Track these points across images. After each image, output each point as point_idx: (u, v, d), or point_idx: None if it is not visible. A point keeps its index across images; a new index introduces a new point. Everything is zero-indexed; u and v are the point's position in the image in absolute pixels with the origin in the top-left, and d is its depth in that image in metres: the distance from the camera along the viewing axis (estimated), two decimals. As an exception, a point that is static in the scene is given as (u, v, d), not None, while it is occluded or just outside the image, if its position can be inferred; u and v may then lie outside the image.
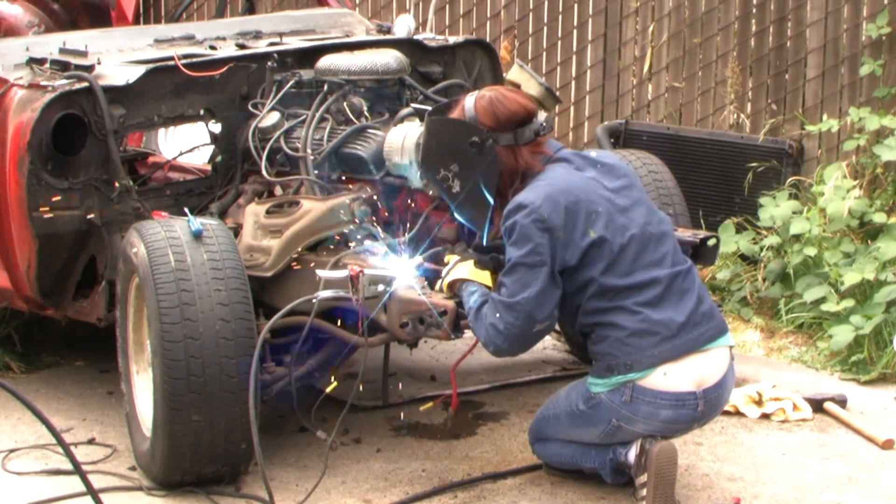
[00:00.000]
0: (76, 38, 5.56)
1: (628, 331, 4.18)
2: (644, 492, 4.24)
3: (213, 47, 5.59)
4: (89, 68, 5.11)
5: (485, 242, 4.38)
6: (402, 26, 5.94)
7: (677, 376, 4.21)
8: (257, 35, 5.82)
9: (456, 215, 4.48)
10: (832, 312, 5.92)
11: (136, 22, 7.81)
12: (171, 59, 5.21)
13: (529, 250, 4.15)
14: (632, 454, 4.28)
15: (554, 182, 4.26)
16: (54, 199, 4.96)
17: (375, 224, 4.71)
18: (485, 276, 4.33)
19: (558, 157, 4.37)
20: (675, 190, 5.65)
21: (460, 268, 4.38)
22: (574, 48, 7.50)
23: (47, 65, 5.19)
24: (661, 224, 4.35)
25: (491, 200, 4.34)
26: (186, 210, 4.76)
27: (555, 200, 4.18)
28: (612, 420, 4.25)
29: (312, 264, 4.61)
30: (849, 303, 5.86)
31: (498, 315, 4.18)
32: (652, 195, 5.47)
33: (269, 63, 5.31)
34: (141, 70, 5.10)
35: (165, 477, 4.51)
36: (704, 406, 4.25)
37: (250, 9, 7.40)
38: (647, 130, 7.02)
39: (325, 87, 5.20)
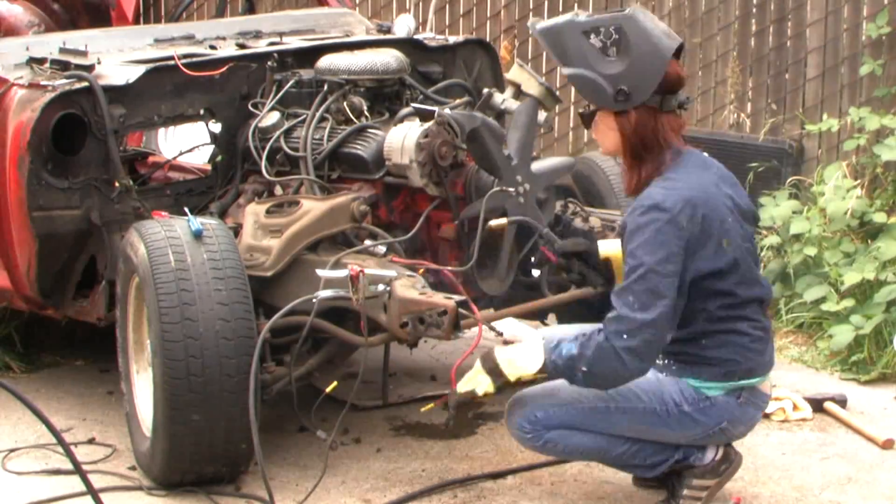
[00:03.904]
0: (76, 38, 5.55)
1: (751, 337, 4.12)
2: (704, 493, 4.26)
3: (213, 47, 5.59)
4: (89, 68, 5.11)
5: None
6: (402, 26, 5.94)
7: (769, 380, 4.28)
8: (257, 35, 5.82)
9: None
10: (832, 312, 5.92)
11: (136, 22, 7.81)
12: (171, 58, 5.21)
13: (664, 258, 3.92)
14: (708, 458, 4.25)
15: (690, 185, 4.03)
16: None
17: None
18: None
19: (685, 158, 4.14)
20: (675, 190, 5.64)
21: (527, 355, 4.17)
22: (574, 48, 7.49)
23: (47, 64, 5.19)
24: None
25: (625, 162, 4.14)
26: (186, 210, 4.76)
27: (693, 206, 3.96)
28: (723, 422, 4.17)
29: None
30: (849, 303, 5.86)
31: (627, 336, 3.90)
32: (652, 195, 5.47)
33: (269, 63, 5.31)
34: (141, 70, 5.10)
35: (165, 477, 4.51)
36: None
37: (250, 9, 7.40)
38: (647, 130, 7.01)
39: (325, 87, 5.20)
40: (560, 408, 4.22)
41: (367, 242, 4.76)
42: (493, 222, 4.63)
